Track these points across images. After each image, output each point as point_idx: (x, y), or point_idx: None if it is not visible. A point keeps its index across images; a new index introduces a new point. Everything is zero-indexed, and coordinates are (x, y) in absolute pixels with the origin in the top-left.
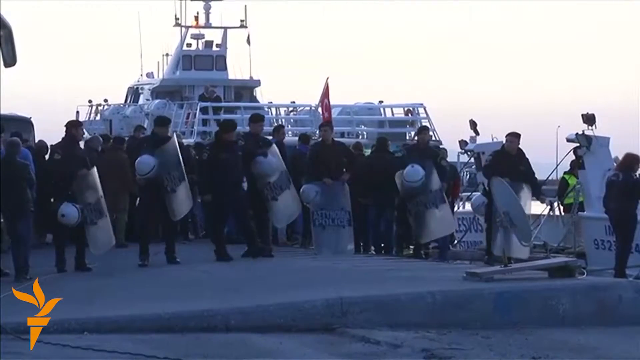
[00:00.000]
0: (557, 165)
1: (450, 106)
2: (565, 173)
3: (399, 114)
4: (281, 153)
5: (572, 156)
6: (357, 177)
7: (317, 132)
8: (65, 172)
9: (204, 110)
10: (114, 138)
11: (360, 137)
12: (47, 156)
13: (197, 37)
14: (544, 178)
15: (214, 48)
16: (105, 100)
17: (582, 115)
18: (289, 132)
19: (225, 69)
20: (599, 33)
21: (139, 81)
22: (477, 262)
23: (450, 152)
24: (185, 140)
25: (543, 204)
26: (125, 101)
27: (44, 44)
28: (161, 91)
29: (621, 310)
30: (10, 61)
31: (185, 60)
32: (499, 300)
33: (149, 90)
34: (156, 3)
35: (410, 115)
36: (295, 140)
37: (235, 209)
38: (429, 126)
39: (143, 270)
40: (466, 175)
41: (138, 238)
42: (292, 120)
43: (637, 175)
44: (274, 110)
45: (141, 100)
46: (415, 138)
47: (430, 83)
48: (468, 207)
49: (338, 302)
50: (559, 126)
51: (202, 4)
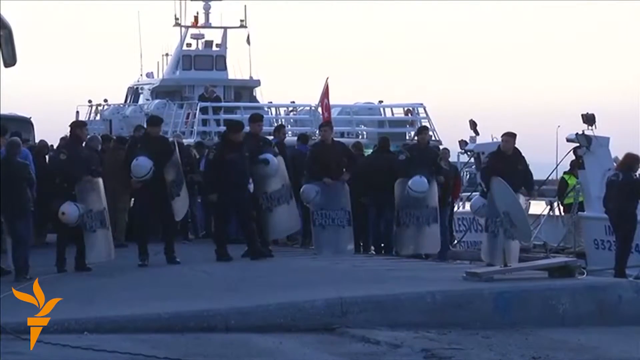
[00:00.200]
0: (557, 165)
1: (450, 106)
2: (565, 173)
3: (399, 113)
4: (282, 153)
5: (572, 156)
6: (357, 177)
7: (317, 132)
8: (68, 173)
9: (203, 110)
10: (116, 138)
11: (360, 137)
12: (49, 156)
13: (197, 37)
14: (544, 178)
15: (214, 48)
16: (105, 100)
17: (582, 115)
18: (289, 132)
19: (225, 69)
20: (599, 33)
21: (138, 81)
22: (477, 262)
23: (451, 152)
24: (185, 141)
25: (534, 201)
26: (125, 101)
27: (44, 44)
28: (161, 91)
29: (621, 310)
30: (10, 61)
31: (185, 60)
32: (499, 300)
33: (149, 90)
34: (156, 3)
35: (410, 115)
36: (294, 141)
37: (239, 209)
38: (429, 126)
39: (143, 270)
40: (466, 175)
41: (137, 239)
42: (292, 120)
43: (637, 175)
44: (273, 110)
45: (141, 100)
46: (415, 138)
47: (430, 83)
48: (468, 207)
49: (338, 302)
50: (558, 126)
51: (202, 4)
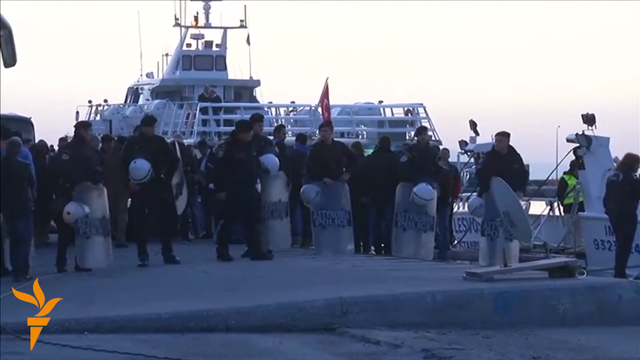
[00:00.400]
0: (557, 165)
1: (450, 106)
2: (564, 173)
3: (399, 113)
4: (282, 153)
5: (572, 156)
6: (358, 177)
7: (317, 132)
8: (70, 174)
9: (203, 111)
10: (117, 138)
11: (360, 137)
12: (51, 156)
13: (197, 37)
14: (544, 178)
15: (214, 48)
16: (105, 101)
17: (582, 115)
18: (289, 132)
19: (225, 69)
20: (598, 33)
21: (138, 81)
22: (477, 262)
23: (451, 152)
24: (185, 141)
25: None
26: (125, 101)
27: (44, 44)
28: (161, 91)
29: (621, 310)
30: (10, 61)
31: (185, 60)
32: (499, 300)
33: (149, 90)
34: (156, 3)
35: (410, 115)
36: (294, 141)
37: (246, 208)
38: (428, 126)
39: (143, 270)
40: (466, 175)
41: (136, 239)
42: (292, 120)
43: (637, 176)
44: (273, 110)
45: (141, 101)
46: (415, 139)
47: (430, 83)
48: (467, 208)
49: (338, 302)
50: (559, 126)
51: (202, 4)
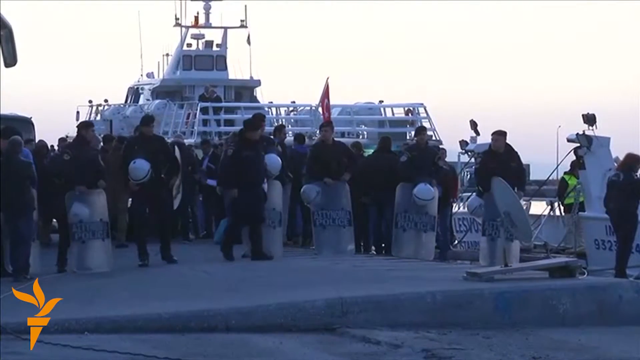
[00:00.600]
0: (558, 166)
1: (451, 106)
2: (565, 173)
3: (399, 113)
4: (283, 153)
5: (573, 156)
6: (358, 177)
7: (318, 132)
8: (69, 175)
9: (204, 111)
10: (117, 138)
11: (360, 137)
12: (52, 156)
13: (197, 37)
14: (545, 178)
15: (214, 48)
16: (106, 101)
17: (583, 115)
18: (289, 132)
19: (225, 69)
20: (599, 33)
21: (139, 81)
22: (478, 262)
23: (451, 152)
24: (185, 141)
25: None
26: (126, 101)
27: (44, 44)
28: (161, 91)
29: (621, 310)
30: (11, 61)
31: (186, 60)
32: (499, 300)
33: (149, 90)
34: (156, 3)
35: (410, 115)
36: (291, 141)
37: (250, 208)
38: (428, 126)
39: (143, 270)
40: (467, 175)
41: (136, 239)
42: (293, 120)
43: (638, 176)
44: (274, 110)
45: (141, 101)
46: (415, 139)
47: (431, 83)
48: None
49: (338, 302)
50: (559, 126)
51: (202, 4)
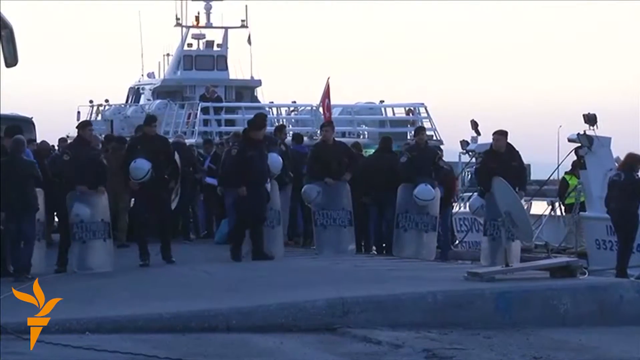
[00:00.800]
0: (559, 165)
1: (452, 106)
2: (566, 173)
3: (400, 113)
4: (285, 153)
5: (574, 156)
6: (359, 177)
7: (319, 132)
8: (67, 175)
9: (205, 111)
10: (116, 138)
11: (361, 137)
12: (53, 156)
13: (198, 37)
14: (545, 178)
15: (215, 48)
16: (106, 101)
17: (584, 115)
18: (290, 132)
19: (226, 69)
20: (599, 33)
21: (140, 81)
22: (479, 262)
23: (452, 152)
24: (186, 141)
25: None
26: (127, 101)
27: (45, 44)
28: (162, 91)
29: (622, 310)
30: (12, 61)
31: (186, 60)
32: (500, 300)
33: (150, 90)
34: (157, 3)
35: (411, 115)
36: (289, 141)
37: (252, 207)
38: (426, 126)
39: (144, 270)
40: (467, 175)
41: (137, 239)
42: (294, 120)
43: (639, 176)
44: (275, 110)
45: (142, 101)
46: (414, 139)
47: (431, 83)
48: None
49: (339, 302)
50: (560, 126)
51: (203, 4)
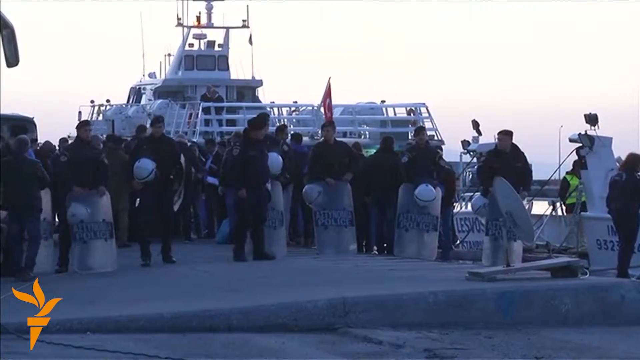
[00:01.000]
0: (560, 165)
1: (453, 106)
2: (567, 173)
3: (402, 113)
4: (287, 153)
5: (575, 156)
6: (360, 177)
7: (320, 132)
8: (68, 174)
9: (206, 111)
10: (111, 138)
11: (362, 137)
12: (52, 157)
13: (199, 37)
14: (547, 178)
15: (216, 48)
16: (108, 101)
17: (585, 115)
18: (292, 132)
19: (227, 69)
20: (599, 33)
21: (141, 81)
22: (480, 262)
23: (453, 152)
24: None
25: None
26: (128, 101)
27: (46, 44)
28: (163, 91)
29: (623, 310)
30: (13, 61)
31: (188, 60)
32: (501, 300)
33: (151, 90)
34: (158, 3)
35: (412, 115)
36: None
37: (253, 207)
38: (428, 126)
39: (145, 270)
40: (469, 175)
41: (138, 239)
42: (295, 120)
43: None
44: (276, 110)
45: (143, 101)
46: (414, 139)
47: (433, 83)
48: (470, 208)
49: (340, 302)
50: (561, 126)
51: (204, 4)
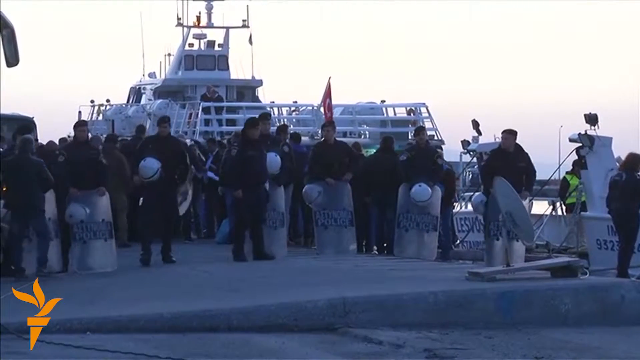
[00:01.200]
0: (560, 165)
1: (453, 106)
2: (567, 173)
3: (402, 113)
4: (289, 153)
5: (575, 156)
6: (360, 177)
7: (320, 132)
8: (65, 175)
9: (206, 111)
10: (110, 138)
11: (362, 137)
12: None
13: (199, 37)
14: (547, 178)
15: (216, 48)
16: (108, 101)
17: (585, 115)
18: (290, 132)
19: (227, 68)
20: (599, 33)
21: (141, 81)
22: (480, 262)
23: (453, 152)
24: (187, 141)
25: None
26: (128, 101)
27: (46, 43)
28: (163, 91)
29: (623, 310)
30: (13, 61)
31: (187, 60)
32: (501, 300)
33: (151, 90)
34: (158, 3)
35: (412, 114)
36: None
37: (252, 207)
38: (428, 126)
39: (145, 269)
40: (469, 175)
41: (139, 238)
42: (295, 120)
43: None
44: (276, 110)
45: (143, 101)
46: (414, 139)
47: (433, 83)
48: (470, 207)
49: (340, 302)
50: (561, 126)
51: (204, 3)
